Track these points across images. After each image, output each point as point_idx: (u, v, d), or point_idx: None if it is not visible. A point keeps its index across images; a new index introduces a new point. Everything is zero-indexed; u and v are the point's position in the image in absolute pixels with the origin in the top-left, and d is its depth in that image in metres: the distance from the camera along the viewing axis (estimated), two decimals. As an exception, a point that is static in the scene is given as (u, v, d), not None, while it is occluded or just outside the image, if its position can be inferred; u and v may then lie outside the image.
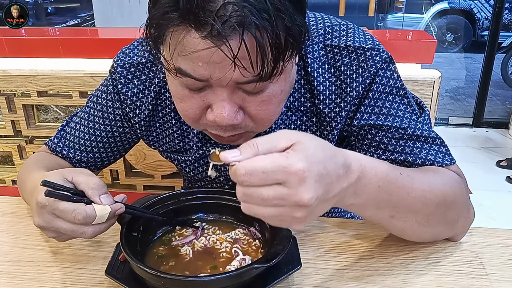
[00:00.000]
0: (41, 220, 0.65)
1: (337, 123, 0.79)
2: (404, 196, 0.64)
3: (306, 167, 0.48)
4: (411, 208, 0.66)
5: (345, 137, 0.84)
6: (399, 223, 0.67)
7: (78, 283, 0.69)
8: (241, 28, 0.54)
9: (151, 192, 1.56)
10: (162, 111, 0.87)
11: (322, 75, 0.77)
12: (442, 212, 0.70)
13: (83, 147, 0.91)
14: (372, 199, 0.61)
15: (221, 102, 0.63)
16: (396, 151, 0.77)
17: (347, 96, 0.77)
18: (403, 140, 0.76)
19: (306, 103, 0.80)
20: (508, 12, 5.46)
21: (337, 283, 0.68)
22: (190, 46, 0.57)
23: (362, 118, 0.77)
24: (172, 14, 0.55)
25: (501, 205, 2.73)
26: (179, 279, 0.60)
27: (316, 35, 0.77)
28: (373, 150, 0.79)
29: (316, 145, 0.51)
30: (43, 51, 1.47)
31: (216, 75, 0.59)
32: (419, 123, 0.77)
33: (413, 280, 0.68)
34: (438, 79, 1.27)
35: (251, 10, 0.53)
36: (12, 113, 1.49)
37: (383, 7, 5.73)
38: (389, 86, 0.77)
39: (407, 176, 0.65)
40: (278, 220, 0.51)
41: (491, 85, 4.03)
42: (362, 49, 0.76)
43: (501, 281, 0.68)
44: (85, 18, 6.60)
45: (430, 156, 0.76)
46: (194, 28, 0.55)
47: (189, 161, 0.91)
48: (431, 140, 0.77)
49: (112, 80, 0.87)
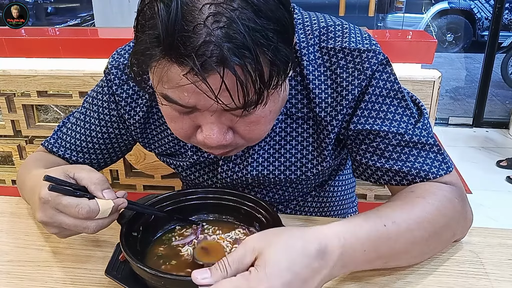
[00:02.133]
0: (43, 215, 0.65)
1: (333, 127, 0.78)
2: (392, 245, 0.64)
3: (267, 286, 0.50)
4: (403, 251, 0.66)
5: (342, 140, 0.83)
6: (394, 264, 0.68)
7: (78, 283, 0.69)
8: (221, 67, 0.53)
9: (151, 192, 1.56)
10: (157, 113, 0.86)
11: (318, 78, 0.76)
12: (436, 238, 0.70)
13: (79, 148, 0.91)
14: (361, 262, 0.62)
15: (210, 125, 0.63)
16: (392, 158, 0.75)
17: (343, 99, 0.75)
18: (400, 147, 0.75)
19: (303, 109, 0.79)
20: (508, 12, 5.46)
21: (337, 283, 0.67)
22: (174, 79, 0.57)
23: (359, 122, 0.76)
24: (153, 50, 0.55)
25: (501, 205, 2.73)
26: (179, 279, 0.60)
27: (312, 37, 0.76)
28: (369, 156, 0.77)
29: (279, 251, 0.52)
30: (43, 51, 1.47)
31: (202, 103, 0.59)
32: (417, 128, 0.75)
33: (413, 280, 0.68)
34: (438, 79, 1.27)
35: (231, 47, 0.52)
36: (12, 113, 1.49)
37: (383, 7, 5.73)
38: (385, 89, 0.75)
39: (391, 224, 0.64)
40: None
41: (491, 85, 4.02)
42: (358, 51, 0.74)
43: (501, 281, 0.68)
44: (85, 18, 6.60)
45: (425, 166, 0.75)
46: (176, 63, 0.55)
47: (185, 166, 0.90)
48: (428, 147, 0.75)
49: (107, 81, 0.86)
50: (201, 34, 0.52)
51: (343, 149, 0.86)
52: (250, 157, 0.83)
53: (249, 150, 0.83)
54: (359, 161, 0.79)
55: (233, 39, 0.52)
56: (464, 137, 3.81)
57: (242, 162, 0.84)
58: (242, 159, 0.84)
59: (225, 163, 0.85)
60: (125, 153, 0.97)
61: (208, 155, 0.84)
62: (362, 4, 4.67)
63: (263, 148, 0.83)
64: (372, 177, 0.79)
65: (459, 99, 4.77)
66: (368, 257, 0.62)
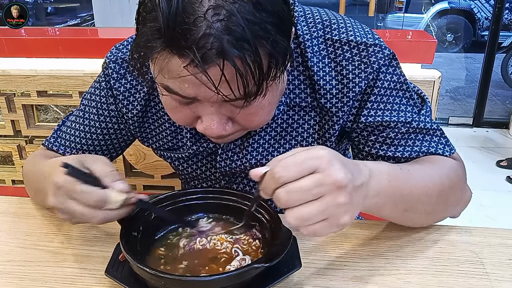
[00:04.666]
0: (55, 200, 0.65)
1: (338, 118, 0.80)
2: (411, 189, 0.68)
3: (328, 152, 0.54)
4: (419, 199, 0.70)
5: (345, 133, 0.84)
6: (411, 215, 0.72)
7: (78, 283, 0.69)
8: (221, 59, 0.54)
9: (151, 192, 1.56)
10: (155, 107, 0.87)
11: (322, 69, 0.77)
12: (444, 199, 0.74)
13: (79, 145, 0.91)
14: (389, 196, 0.65)
15: (210, 115, 0.65)
16: (400, 145, 0.79)
17: (349, 91, 0.77)
18: (408, 133, 0.79)
19: (307, 99, 0.80)
20: (508, 12, 5.46)
21: (337, 283, 0.68)
22: (174, 70, 0.58)
23: (370, 114, 0.78)
24: (154, 42, 0.56)
25: (501, 205, 2.73)
26: (179, 279, 0.60)
27: (315, 30, 0.78)
28: (378, 146, 0.80)
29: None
30: (43, 51, 1.47)
31: (202, 95, 0.61)
32: (421, 115, 0.80)
33: (413, 280, 0.68)
34: (438, 79, 1.27)
35: (230, 40, 0.53)
36: (12, 113, 1.49)
37: (383, 7, 5.74)
38: (393, 82, 0.78)
39: (406, 171, 0.70)
40: (326, 219, 0.54)
41: (491, 85, 4.02)
42: (365, 45, 0.76)
43: (501, 281, 0.68)
44: (85, 18, 6.61)
45: (431, 149, 0.79)
46: (177, 55, 0.56)
47: (183, 159, 0.91)
48: (432, 132, 0.80)
49: (104, 76, 0.87)
50: (201, 27, 0.53)
51: (343, 143, 0.88)
52: (250, 146, 0.84)
53: (249, 140, 0.84)
54: (368, 151, 0.82)
55: (233, 31, 0.53)
56: (464, 137, 3.81)
57: (241, 151, 0.85)
58: (241, 148, 0.85)
59: (223, 152, 0.86)
60: (124, 149, 0.98)
61: (207, 145, 0.86)
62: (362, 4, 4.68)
63: (263, 138, 0.84)
64: None
65: (459, 99, 4.77)
66: (393, 192, 0.65)
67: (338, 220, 0.55)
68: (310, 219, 0.53)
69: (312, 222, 0.54)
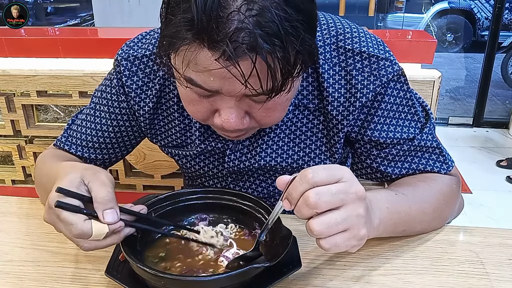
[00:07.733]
0: (48, 217, 0.65)
1: (343, 126, 0.81)
2: (408, 212, 0.73)
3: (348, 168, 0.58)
4: (416, 219, 0.75)
5: (348, 142, 0.86)
6: (408, 232, 0.77)
7: (78, 283, 0.69)
8: (253, 53, 0.55)
9: (151, 192, 1.56)
10: (166, 104, 0.87)
11: (332, 76, 0.78)
12: (439, 213, 0.79)
13: (90, 143, 0.91)
14: (388, 221, 0.69)
15: (229, 109, 0.65)
16: (400, 161, 0.83)
17: (356, 101, 0.78)
18: (409, 151, 0.82)
19: (314, 100, 0.81)
20: (508, 12, 5.47)
21: (337, 283, 0.68)
22: (203, 63, 0.58)
23: (376, 129, 0.81)
24: (186, 33, 0.56)
25: (501, 205, 2.73)
26: (179, 279, 0.60)
27: (328, 36, 0.78)
28: (380, 161, 0.83)
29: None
30: (43, 51, 1.47)
31: (226, 88, 0.61)
32: (424, 133, 0.82)
33: (413, 280, 0.68)
34: (438, 79, 1.27)
35: (262, 35, 0.54)
36: (12, 113, 1.49)
37: (383, 7, 5.73)
38: (399, 98, 0.80)
39: (401, 194, 0.74)
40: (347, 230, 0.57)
41: (491, 85, 4.03)
42: (376, 58, 0.77)
43: (501, 281, 0.68)
44: (84, 18, 6.61)
45: (428, 167, 0.83)
46: (207, 48, 0.56)
47: (190, 156, 0.91)
48: (431, 150, 0.83)
49: (116, 73, 0.87)
50: (233, 21, 0.54)
51: (345, 151, 0.89)
52: (258, 147, 0.85)
53: (258, 140, 0.84)
54: (369, 164, 0.85)
55: (265, 27, 0.54)
56: (464, 137, 3.82)
57: (249, 152, 0.86)
58: (250, 149, 0.85)
59: (232, 153, 0.86)
60: (134, 146, 0.98)
61: (215, 144, 0.86)
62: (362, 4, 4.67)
63: (272, 139, 0.84)
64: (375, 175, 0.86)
65: (459, 99, 4.78)
66: (392, 217, 0.69)
67: (358, 231, 0.57)
68: (332, 226, 0.55)
69: (334, 232, 0.56)
